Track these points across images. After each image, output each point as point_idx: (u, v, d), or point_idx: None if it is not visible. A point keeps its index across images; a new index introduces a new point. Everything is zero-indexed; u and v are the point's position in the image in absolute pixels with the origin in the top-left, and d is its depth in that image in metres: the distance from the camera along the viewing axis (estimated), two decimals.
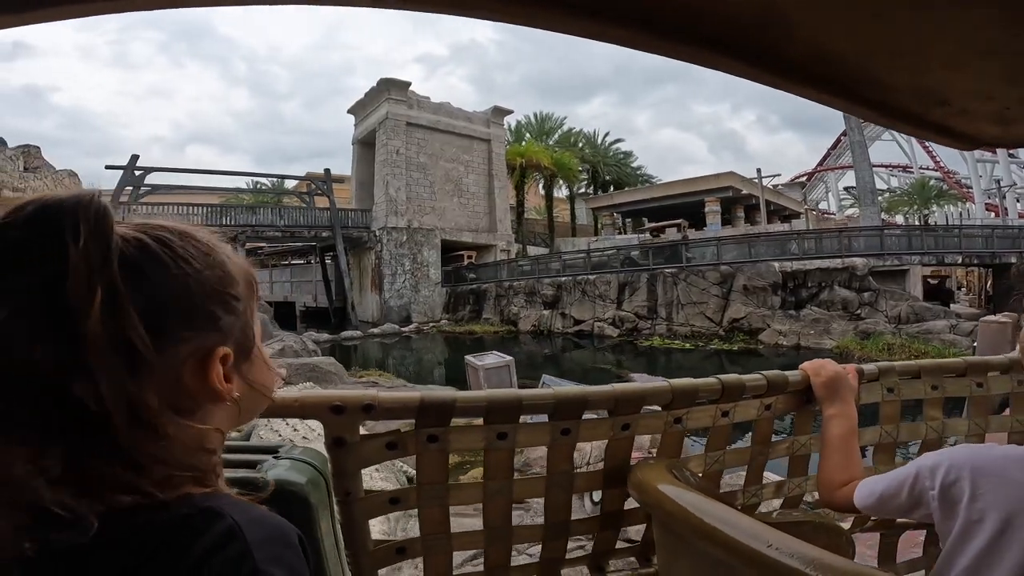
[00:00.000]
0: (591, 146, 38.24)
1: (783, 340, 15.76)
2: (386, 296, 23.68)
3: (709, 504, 0.80)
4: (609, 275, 20.14)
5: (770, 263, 17.27)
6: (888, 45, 0.59)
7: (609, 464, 1.07)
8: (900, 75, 0.66)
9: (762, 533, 0.69)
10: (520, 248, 28.20)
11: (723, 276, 17.64)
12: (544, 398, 0.98)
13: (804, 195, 39.67)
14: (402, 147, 24.20)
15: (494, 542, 1.06)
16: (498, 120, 28.24)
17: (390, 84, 24.18)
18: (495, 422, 0.94)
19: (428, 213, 25.12)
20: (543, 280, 21.82)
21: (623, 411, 1.02)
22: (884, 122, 0.78)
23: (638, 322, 18.87)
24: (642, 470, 1.00)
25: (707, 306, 17.67)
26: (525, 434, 0.97)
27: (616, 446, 1.06)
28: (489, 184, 27.45)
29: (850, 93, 0.69)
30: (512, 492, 1.02)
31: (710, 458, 1.16)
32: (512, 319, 21.99)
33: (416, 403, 0.87)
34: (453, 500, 0.99)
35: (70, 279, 0.37)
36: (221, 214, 21.86)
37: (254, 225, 22.46)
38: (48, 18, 0.50)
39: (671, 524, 0.87)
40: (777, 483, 1.30)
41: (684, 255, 19.01)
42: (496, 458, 0.98)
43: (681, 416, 1.07)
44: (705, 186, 29.03)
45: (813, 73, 0.64)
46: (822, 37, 0.58)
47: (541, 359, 18.06)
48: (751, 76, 0.63)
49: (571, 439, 1.01)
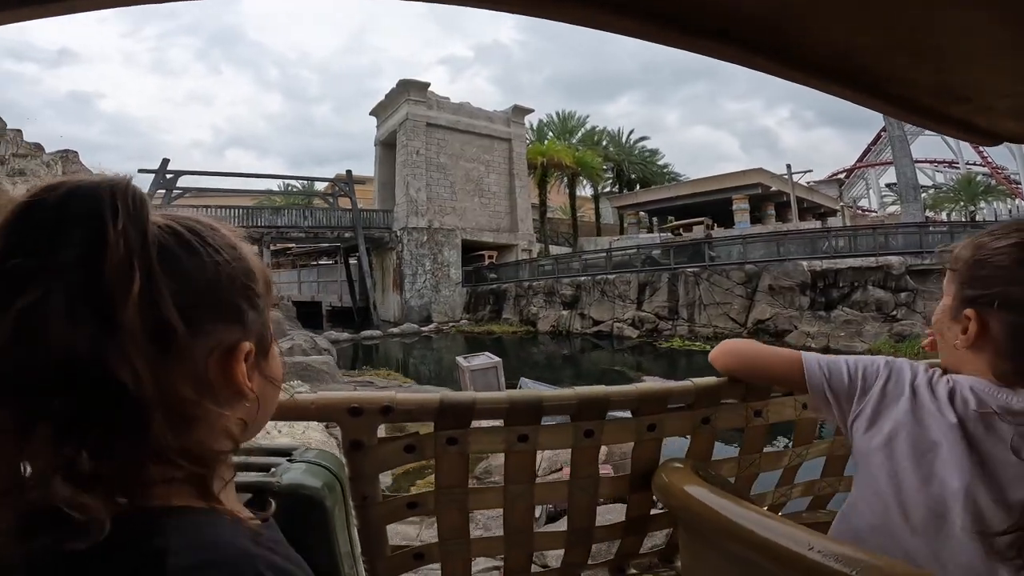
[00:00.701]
0: (616, 144, 37.51)
1: (811, 342, 14.91)
2: (407, 296, 23.67)
3: (742, 507, 0.76)
4: (629, 275, 19.56)
5: (798, 262, 16.39)
6: (911, 42, 0.59)
7: (636, 468, 1.03)
8: (922, 72, 0.65)
9: (802, 536, 0.66)
10: (542, 248, 27.84)
11: (748, 276, 16.86)
12: (566, 399, 0.93)
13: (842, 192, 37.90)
14: (422, 148, 24.16)
15: (514, 547, 1.02)
16: (519, 119, 27.92)
17: (409, 85, 24.18)
18: (516, 424, 0.91)
19: (449, 213, 25.01)
20: (562, 280, 21.40)
21: (647, 411, 0.99)
22: (904, 117, 0.76)
23: (658, 323, 18.25)
24: (667, 472, 0.94)
25: (731, 307, 16.93)
26: (546, 436, 0.94)
27: (642, 448, 1.01)
28: (510, 184, 27.16)
29: (871, 89, 0.68)
30: (533, 496, 0.98)
31: (744, 461, 1.11)
32: (531, 319, 21.64)
33: (435, 405, 0.84)
34: (473, 504, 0.95)
35: (109, 260, 0.36)
36: (247, 216, 22.25)
37: (279, 227, 22.79)
38: (39, 15, 0.49)
39: (700, 528, 0.83)
40: (807, 483, 1.25)
41: (707, 254, 18.28)
42: (517, 461, 0.95)
43: (709, 416, 1.03)
44: (732, 183, 27.98)
45: (834, 69, 0.64)
46: (842, 34, 0.58)
47: (560, 360, 17.67)
48: (770, 71, 0.62)
49: (595, 441, 0.97)
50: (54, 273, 0.35)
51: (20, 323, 0.34)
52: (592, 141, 35.50)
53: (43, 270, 0.35)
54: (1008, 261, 0.73)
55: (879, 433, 0.77)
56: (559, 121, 35.04)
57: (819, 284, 16.04)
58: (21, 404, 0.35)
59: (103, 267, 0.35)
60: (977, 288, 0.76)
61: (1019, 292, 0.71)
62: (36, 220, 0.36)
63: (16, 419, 0.35)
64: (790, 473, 1.21)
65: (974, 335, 0.75)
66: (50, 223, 0.36)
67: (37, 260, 0.35)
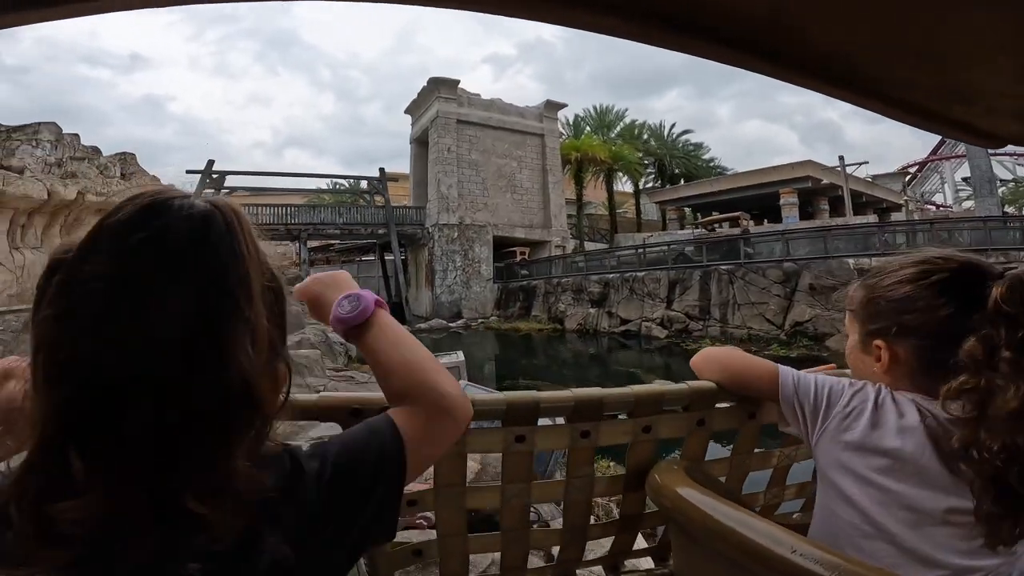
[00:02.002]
0: (657, 138, 36.03)
1: None
2: (437, 292, 23.59)
3: (730, 509, 0.77)
4: (659, 272, 18.55)
5: (843, 260, 14.91)
6: (911, 44, 0.58)
7: (631, 467, 1.04)
8: (923, 73, 0.65)
9: (785, 539, 0.68)
10: (577, 244, 27.09)
11: (786, 274, 15.52)
12: (562, 400, 0.94)
13: (912, 186, 34.63)
14: (453, 144, 23.98)
15: (511, 545, 1.03)
16: (551, 114, 27.22)
17: (439, 83, 24.05)
18: (513, 424, 0.92)
19: (481, 209, 24.73)
20: (590, 277, 20.63)
21: (643, 412, 1.00)
22: (905, 119, 0.75)
23: (689, 323, 17.16)
24: (661, 473, 0.95)
25: (767, 307, 15.65)
26: (543, 437, 0.95)
27: (638, 449, 1.03)
28: (543, 179, 26.55)
29: (870, 91, 0.68)
30: (530, 495, 0.99)
31: (736, 461, 1.12)
32: (559, 317, 21.01)
33: None
34: (471, 503, 0.96)
35: (239, 272, 0.43)
36: (286, 213, 22.88)
37: (315, 223, 23.29)
38: (59, 16, 0.49)
39: (690, 528, 0.84)
40: (800, 485, 1.25)
41: (743, 251, 17.00)
42: (514, 461, 0.96)
43: (704, 418, 1.04)
44: (779, 177, 26.09)
45: (831, 71, 0.63)
46: (839, 35, 0.57)
47: (587, 359, 17.00)
48: (765, 72, 0.62)
49: (591, 442, 0.98)
50: (189, 284, 0.41)
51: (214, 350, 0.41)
52: (632, 135, 34.23)
53: (177, 284, 0.40)
54: (897, 295, 0.83)
55: (847, 447, 0.80)
56: (596, 115, 34.00)
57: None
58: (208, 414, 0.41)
59: (229, 278, 0.42)
60: (878, 322, 0.85)
61: (912, 319, 0.81)
62: (169, 229, 0.41)
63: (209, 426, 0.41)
64: (780, 473, 1.21)
65: (888, 361, 0.83)
66: (181, 235, 0.41)
67: (173, 272, 0.41)
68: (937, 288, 0.79)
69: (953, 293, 0.78)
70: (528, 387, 9.37)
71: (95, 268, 0.40)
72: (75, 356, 0.39)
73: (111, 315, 0.39)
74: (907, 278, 0.82)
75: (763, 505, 1.20)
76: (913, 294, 0.81)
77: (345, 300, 0.62)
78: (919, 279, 0.81)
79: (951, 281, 0.79)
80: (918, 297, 0.81)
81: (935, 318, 0.79)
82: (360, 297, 0.63)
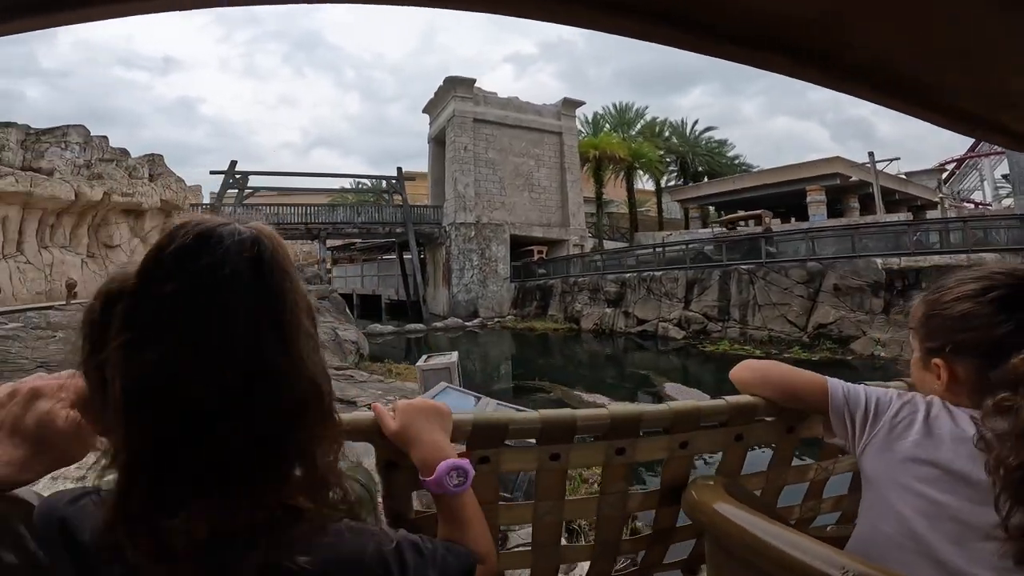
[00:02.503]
0: (679, 135, 35.21)
1: (881, 351, 12.84)
2: (454, 290, 23.51)
3: (771, 526, 0.76)
4: (677, 272, 18.04)
5: (871, 259, 14.18)
6: (956, 49, 0.57)
7: (665, 482, 1.03)
8: (968, 79, 0.64)
9: (833, 557, 0.66)
10: (596, 243, 26.67)
11: (810, 274, 14.86)
12: (600, 418, 0.93)
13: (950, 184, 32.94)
14: (470, 143, 23.83)
15: (541, 561, 1.02)
16: (569, 112, 26.81)
17: (455, 82, 23.91)
18: (549, 443, 0.91)
19: (498, 208, 24.54)
20: (607, 276, 20.22)
21: (680, 429, 0.98)
22: (951, 126, 0.73)
23: (707, 323, 16.62)
24: (698, 489, 0.94)
25: (789, 308, 15.01)
26: (578, 454, 0.94)
27: (673, 465, 1.02)
28: (561, 177, 26.19)
29: (914, 97, 0.67)
30: (563, 512, 0.98)
31: (772, 475, 1.11)
32: (575, 317, 20.68)
33: (469, 426, 0.84)
34: (503, 520, 0.95)
35: (292, 286, 0.46)
36: (305, 213, 23.13)
37: (335, 223, 23.48)
38: (86, 18, 0.50)
39: (727, 544, 0.83)
40: (836, 498, 1.22)
41: (764, 250, 16.37)
42: (548, 479, 0.95)
43: (742, 433, 1.03)
44: (806, 174, 25.13)
45: (874, 78, 0.63)
46: (882, 41, 0.57)
47: (603, 360, 16.64)
48: (807, 78, 0.62)
49: (626, 458, 0.97)
50: (235, 311, 0.43)
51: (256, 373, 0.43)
52: (653, 133, 33.53)
53: (228, 307, 0.42)
54: (955, 312, 0.81)
55: (895, 457, 0.79)
56: (616, 113, 33.40)
57: (896, 285, 13.77)
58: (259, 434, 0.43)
59: (275, 307, 0.45)
60: (936, 340, 0.84)
61: (969, 338, 0.79)
62: (213, 266, 0.43)
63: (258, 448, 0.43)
64: (817, 486, 1.19)
65: (947, 380, 0.82)
66: (224, 272, 0.43)
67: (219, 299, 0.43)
68: (996, 305, 0.78)
69: (1013, 309, 0.77)
70: (539, 388, 9.10)
71: (165, 294, 0.42)
72: (160, 379, 0.41)
73: (190, 336, 0.41)
74: (966, 295, 0.82)
75: (798, 518, 1.18)
76: (971, 311, 0.79)
77: (455, 474, 0.66)
78: (978, 296, 0.80)
79: (1012, 298, 0.78)
80: (976, 315, 0.79)
81: (993, 336, 0.77)
82: (467, 474, 0.67)
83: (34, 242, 15.41)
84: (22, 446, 0.51)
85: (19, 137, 15.72)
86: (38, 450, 0.51)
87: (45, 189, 14.94)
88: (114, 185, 16.79)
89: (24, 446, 0.51)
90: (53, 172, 15.81)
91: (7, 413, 0.52)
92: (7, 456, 0.50)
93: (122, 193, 16.85)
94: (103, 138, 18.44)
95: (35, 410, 0.51)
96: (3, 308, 11.26)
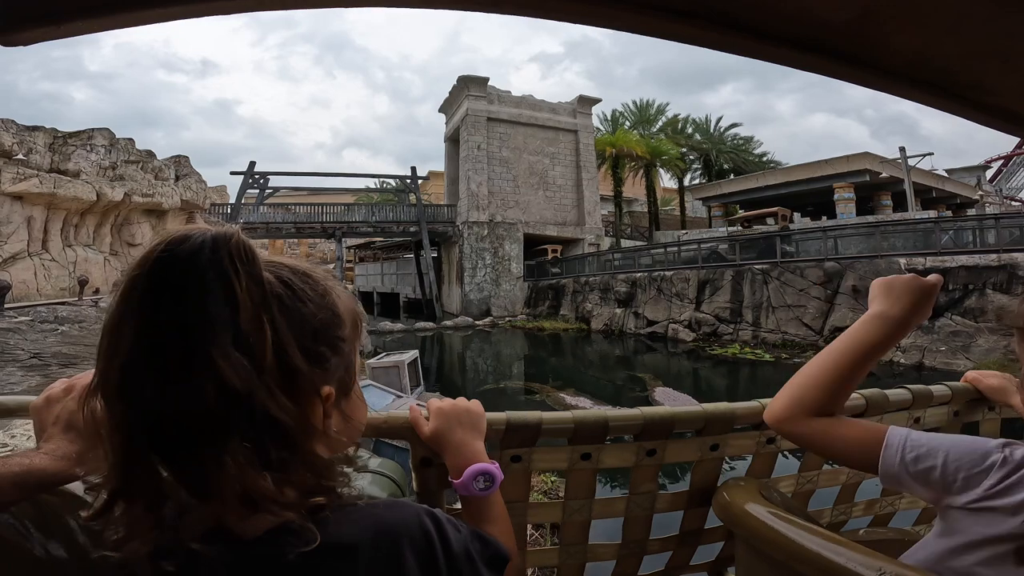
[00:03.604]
0: (703, 132, 34.02)
1: (901, 357, 11.91)
2: (466, 289, 23.29)
3: (805, 529, 0.75)
4: (688, 271, 17.30)
5: (893, 259, 13.19)
6: (1000, 47, 0.56)
7: (695, 483, 1.03)
8: (1008, 79, 0.63)
9: (871, 561, 0.64)
10: (614, 242, 26.00)
11: (828, 274, 13.94)
12: (632, 419, 0.93)
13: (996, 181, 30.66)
14: (483, 142, 23.55)
15: (568, 559, 1.04)
16: (585, 110, 26.17)
17: (468, 81, 23.67)
18: (580, 443, 0.92)
19: (512, 207, 24.19)
20: (617, 276, 19.60)
21: (712, 431, 0.98)
22: (994, 124, 0.72)
23: (718, 325, 15.85)
24: (730, 491, 0.92)
25: (804, 310, 14.14)
26: (609, 455, 0.95)
27: (703, 467, 1.01)
28: (577, 176, 25.62)
29: (956, 96, 0.66)
30: (591, 511, 0.99)
31: (803, 478, 1.11)
32: (585, 316, 20.16)
33: (502, 425, 0.85)
34: (532, 518, 0.96)
35: (242, 314, 0.41)
36: (321, 212, 23.36)
37: (349, 222, 23.63)
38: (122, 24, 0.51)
39: (760, 547, 0.82)
40: (868, 501, 1.22)
41: (779, 249, 15.48)
42: (578, 478, 0.95)
43: (775, 436, 1.02)
44: (833, 170, 23.78)
45: (914, 77, 0.62)
46: (923, 39, 0.57)
47: (613, 361, 16.09)
48: (846, 77, 0.61)
49: (656, 459, 0.98)
50: (209, 324, 0.40)
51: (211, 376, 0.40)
52: (675, 130, 32.49)
53: (200, 324, 0.40)
54: None
55: (989, 522, 0.63)
56: (636, 110, 32.50)
57: None
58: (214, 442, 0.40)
59: (240, 321, 0.40)
60: None
61: None
62: (175, 274, 0.40)
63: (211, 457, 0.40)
64: (849, 490, 1.18)
65: None
66: (189, 280, 0.40)
67: (196, 316, 0.40)
68: None
69: None
70: (529, 389, 8.72)
71: (138, 314, 0.41)
72: (147, 397, 0.40)
73: (163, 355, 0.40)
74: None
75: (829, 522, 1.17)
76: None
77: (481, 478, 0.67)
78: None
79: None
80: None
81: None
82: (495, 478, 0.68)
83: (59, 240, 15.98)
84: (77, 441, 0.51)
85: (47, 140, 16.34)
86: (92, 445, 0.50)
87: (68, 190, 15.46)
88: (135, 186, 17.27)
89: (79, 441, 0.51)
90: (79, 174, 16.36)
91: (62, 408, 0.53)
92: (61, 451, 0.50)
93: (143, 194, 17.31)
94: (129, 140, 19.01)
95: (90, 406, 0.49)
96: (18, 304, 11.66)
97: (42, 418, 0.55)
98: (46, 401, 0.56)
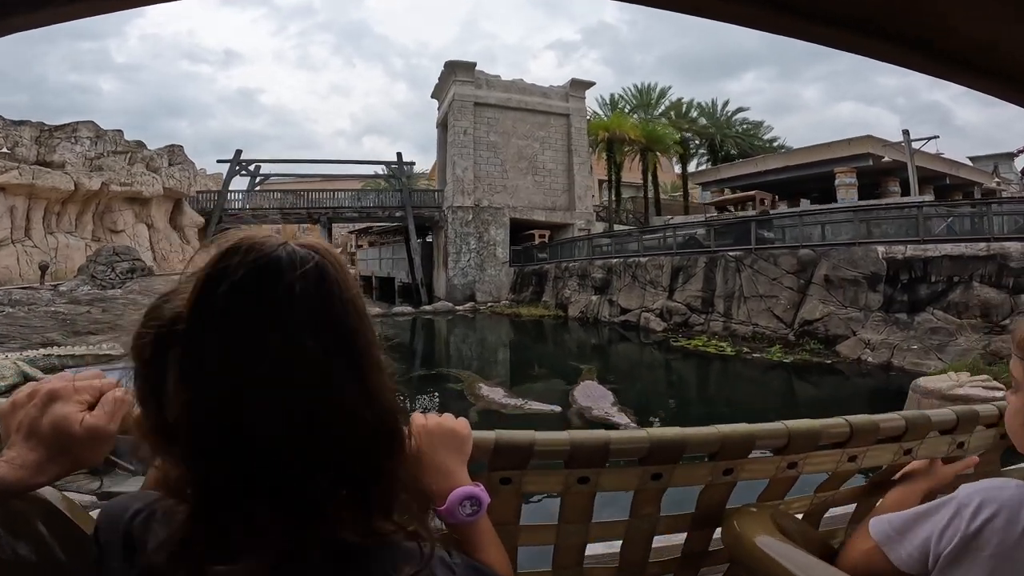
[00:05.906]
0: (709, 116, 32.16)
1: (869, 355, 10.72)
2: (450, 274, 22.66)
3: (822, 570, 0.73)
4: (662, 258, 16.22)
5: (871, 247, 11.87)
6: None
7: (702, 506, 0.95)
8: None
9: None
10: (606, 227, 24.88)
11: (801, 263, 12.70)
12: (637, 441, 0.85)
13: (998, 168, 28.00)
14: (470, 127, 22.64)
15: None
16: (578, 94, 24.86)
17: (456, 66, 22.76)
18: (577, 467, 0.84)
19: (499, 192, 23.31)
20: (595, 262, 18.63)
21: (728, 456, 0.89)
22: None
23: (690, 315, 14.79)
24: (741, 520, 0.87)
25: (776, 301, 12.97)
26: (609, 478, 0.87)
27: (711, 491, 0.94)
28: (568, 160, 24.47)
29: (1012, 81, 0.61)
30: (587, 534, 0.92)
31: (817, 499, 1.04)
32: (564, 303, 19.31)
33: (490, 445, 0.78)
34: (523, 540, 0.89)
35: (358, 312, 0.42)
36: (310, 199, 23.04)
37: (335, 208, 23.23)
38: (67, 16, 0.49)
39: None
40: None
41: (754, 235, 14.26)
42: (574, 501, 0.88)
43: (797, 461, 0.93)
44: (833, 154, 21.96)
45: (978, 64, 0.58)
46: (989, 28, 0.53)
47: (589, 350, 15.26)
48: (908, 65, 0.58)
49: (662, 484, 0.90)
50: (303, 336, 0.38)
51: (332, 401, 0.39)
52: (679, 114, 30.78)
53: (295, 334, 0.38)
54: None
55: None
56: (637, 93, 30.88)
57: (901, 277, 11.43)
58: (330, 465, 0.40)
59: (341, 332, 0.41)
60: None
61: None
62: (281, 289, 0.38)
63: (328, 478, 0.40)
64: (867, 509, 1.10)
65: None
66: (296, 296, 0.39)
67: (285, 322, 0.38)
68: None
69: None
70: (455, 376, 8.02)
71: (223, 340, 0.38)
72: (227, 427, 0.38)
73: (257, 382, 0.38)
74: None
75: (842, 541, 1.06)
76: None
77: (467, 503, 0.62)
78: None
79: None
80: None
81: None
82: (481, 502, 0.63)
83: (40, 228, 16.08)
84: (37, 449, 0.48)
85: (33, 134, 16.38)
86: (53, 453, 0.48)
87: (47, 180, 15.48)
88: (112, 176, 17.18)
89: (39, 449, 0.48)
90: (64, 165, 16.36)
91: (24, 415, 0.50)
92: (21, 459, 0.48)
93: (120, 183, 17.21)
94: (117, 132, 18.96)
95: (51, 413, 0.49)
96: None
97: (7, 424, 0.51)
98: (11, 406, 0.52)
